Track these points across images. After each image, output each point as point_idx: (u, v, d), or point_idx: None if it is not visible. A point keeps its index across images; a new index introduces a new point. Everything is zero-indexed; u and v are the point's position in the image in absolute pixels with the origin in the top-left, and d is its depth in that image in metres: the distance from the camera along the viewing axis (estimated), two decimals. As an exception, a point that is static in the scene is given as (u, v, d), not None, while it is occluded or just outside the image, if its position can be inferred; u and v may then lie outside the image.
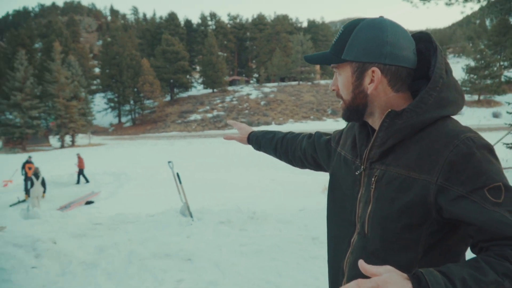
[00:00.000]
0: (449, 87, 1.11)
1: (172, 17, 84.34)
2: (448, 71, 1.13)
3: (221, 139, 37.29)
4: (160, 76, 62.16)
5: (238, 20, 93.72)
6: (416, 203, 1.03)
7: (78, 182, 17.15)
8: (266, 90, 65.61)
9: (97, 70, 73.03)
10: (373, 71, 1.13)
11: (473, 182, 0.96)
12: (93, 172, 18.28)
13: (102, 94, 64.91)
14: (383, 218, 1.10)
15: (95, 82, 68.19)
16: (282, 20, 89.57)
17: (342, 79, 1.18)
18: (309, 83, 69.65)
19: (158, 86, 58.29)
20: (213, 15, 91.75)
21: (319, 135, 1.61)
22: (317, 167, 1.63)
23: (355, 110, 1.18)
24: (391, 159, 1.11)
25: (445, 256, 1.08)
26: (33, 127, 41.11)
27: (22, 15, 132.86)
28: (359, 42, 1.13)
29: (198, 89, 77.55)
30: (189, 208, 6.88)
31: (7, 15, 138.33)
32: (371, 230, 1.14)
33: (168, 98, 67.46)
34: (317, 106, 57.52)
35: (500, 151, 13.66)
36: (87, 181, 17.15)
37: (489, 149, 1.01)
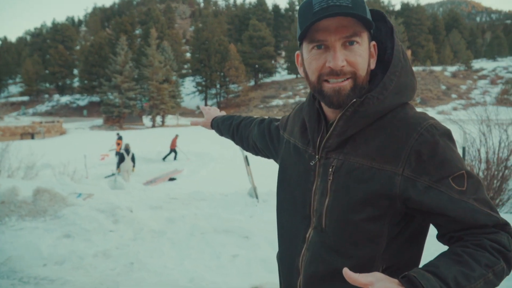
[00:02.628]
0: (407, 72, 1.04)
1: (261, 2, 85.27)
2: (404, 54, 1.06)
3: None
4: (245, 61, 63.52)
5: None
6: (380, 194, 0.97)
7: (175, 158, 18.49)
8: (352, 76, 63.70)
9: (188, 55, 76.78)
10: (374, 45, 1.05)
11: (439, 171, 0.94)
12: (178, 151, 19.52)
13: (191, 78, 68.22)
14: (343, 210, 1.02)
15: (185, 66, 71.83)
16: (373, 3, 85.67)
17: (361, 51, 0.99)
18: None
19: (243, 71, 59.66)
20: (301, 0, 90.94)
21: (269, 121, 1.52)
22: (266, 156, 1.55)
23: (359, 91, 1.01)
24: (350, 148, 1.03)
25: (406, 246, 1.05)
26: (129, 107, 44.78)
27: (126, 3, 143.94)
28: (367, 9, 0.98)
29: (281, 75, 77.81)
30: (255, 190, 7.16)
31: (114, 4, 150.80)
32: (329, 224, 1.05)
33: (252, 83, 68.80)
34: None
35: None
36: (175, 158, 18.44)
37: (449, 135, 0.98)
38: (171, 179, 13.76)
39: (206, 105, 63.40)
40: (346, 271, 0.81)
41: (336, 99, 0.99)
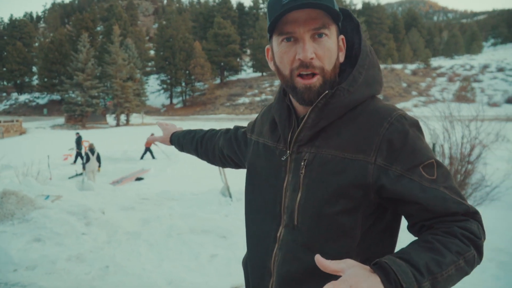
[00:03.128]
0: (374, 66, 1.07)
1: (225, 0, 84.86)
2: (371, 49, 1.09)
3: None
4: (211, 59, 63.12)
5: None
6: (353, 184, 0.97)
7: (153, 157, 18.22)
8: (317, 74, 64.73)
9: (152, 52, 75.42)
10: (342, 39, 1.06)
11: (410, 160, 0.95)
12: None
13: (156, 76, 67.09)
14: (317, 204, 1.01)
15: (149, 64, 70.54)
16: (337, 2, 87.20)
17: (330, 43, 0.99)
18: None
19: (209, 68, 59.28)
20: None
21: (236, 128, 1.49)
22: (236, 165, 1.51)
23: (328, 86, 1.01)
24: (322, 141, 1.03)
25: (381, 239, 1.05)
26: (92, 105, 43.48)
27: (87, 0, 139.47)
28: (335, 2, 0.99)
29: (247, 73, 77.95)
30: (229, 189, 7.15)
31: (74, 0, 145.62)
32: (302, 220, 1.03)
33: (218, 81, 68.49)
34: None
35: None
36: (153, 157, 18.29)
37: (417, 126, 1.01)
38: (138, 179, 13.47)
39: (171, 103, 62.82)
40: (318, 258, 0.80)
41: (307, 95, 1.00)
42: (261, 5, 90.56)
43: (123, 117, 46.75)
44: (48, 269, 3.87)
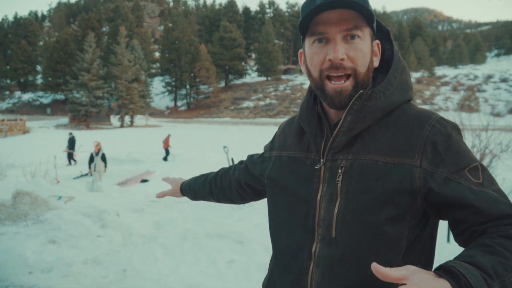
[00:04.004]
0: (406, 72, 1.06)
1: (231, 4, 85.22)
2: (400, 56, 1.08)
3: (273, 127, 37.41)
4: (216, 62, 63.25)
5: (296, 8, 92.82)
6: (399, 190, 0.93)
7: (165, 159, 17.93)
8: (321, 80, 64.78)
9: (157, 54, 75.57)
10: (378, 44, 1.05)
11: (455, 163, 0.92)
12: (149, 152, 19.10)
13: (161, 78, 67.20)
14: (359, 213, 0.96)
15: (154, 65, 70.68)
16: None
17: (362, 45, 0.97)
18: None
19: (214, 72, 59.37)
20: (271, 3, 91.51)
21: (250, 156, 1.44)
22: (257, 195, 1.42)
23: (361, 89, 0.98)
24: (359, 147, 0.99)
25: (422, 251, 1.00)
26: (97, 106, 43.51)
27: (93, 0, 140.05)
28: (371, 10, 0.97)
29: (252, 77, 78.08)
30: (241, 193, 7.08)
31: (79, 0, 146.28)
32: (340, 231, 0.97)
33: (222, 84, 68.58)
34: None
35: None
36: (165, 159, 17.88)
37: (458, 129, 0.98)
38: (144, 181, 13.42)
39: (175, 105, 62.92)
40: (375, 266, 0.74)
41: (338, 100, 0.97)
42: (267, 10, 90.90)
43: (127, 118, 46.77)
44: (64, 272, 3.80)
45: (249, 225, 5.24)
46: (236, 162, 5.70)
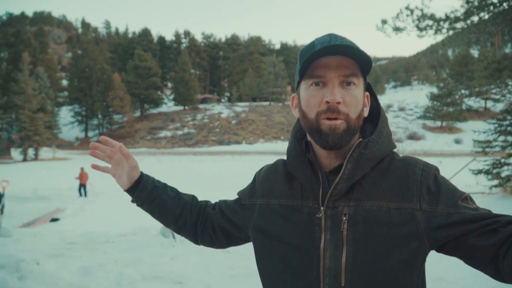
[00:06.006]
0: (388, 122, 1.12)
1: (146, 33, 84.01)
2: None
3: (192, 157, 37.00)
4: (131, 91, 61.40)
5: (212, 39, 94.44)
6: (407, 235, 0.96)
7: (80, 195, 16.60)
8: (238, 109, 66.01)
9: (64, 82, 71.23)
10: (367, 96, 1.10)
11: (450, 198, 0.97)
12: (58, 188, 17.71)
13: (69, 107, 63.25)
14: (369, 260, 0.96)
15: (62, 94, 66.42)
16: (256, 41, 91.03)
17: (357, 92, 1.01)
18: (280, 104, 70.73)
19: (129, 101, 57.50)
20: (187, 33, 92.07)
21: (223, 200, 1.33)
22: (228, 241, 1.31)
23: (352, 134, 1.01)
24: (359, 194, 1.01)
25: (422, 284, 1.03)
26: (-6, 138, 39.42)
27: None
28: (369, 60, 1.00)
29: (168, 106, 77.02)
30: (171, 228, 6.80)
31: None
32: (351, 279, 0.97)
33: (138, 113, 66.56)
34: (287, 127, 58.32)
35: (466, 177, 14.30)
36: (80, 195, 16.66)
37: (439, 170, 1.05)
38: (54, 220, 12.27)
39: (86, 136, 59.36)
40: None
41: (331, 138, 0.98)
42: (183, 40, 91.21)
43: (31, 151, 42.94)
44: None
45: (186, 265, 5.03)
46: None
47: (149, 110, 69.21)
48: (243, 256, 5.85)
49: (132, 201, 1.29)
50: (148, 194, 1.27)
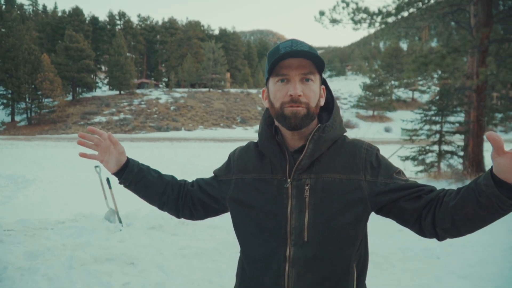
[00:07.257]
0: (339, 112, 1.41)
1: (77, 12, 78.94)
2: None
3: (129, 143, 35.87)
4: (61, 74, 57.78)
5: (148, 22, 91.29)
6: (354, 200, 1.24)
7: None
8: (176, 95, 64.79)
9: (-15, 62, 65.37)
10: (323, 89, 1.37)
11: (387, 172, 1.27)
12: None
13: (-8, 89, 58.28)
14: (326, 220, 1.23)
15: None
16: (194, 26, 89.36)
17: (314, 87, 1.26)
18: (219, 91, 70.38)
19: (59, 84, 54.14)
20: (122, 15, 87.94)
21: (200, 178, 1.57)
22: (206, 213, 1.55)
23: (310, 118, 1.27)
24: (318, 168, 1.27)
25: (365, 243, 1.35)
26: None
27: None
28: (322, 61, 1.26)
29: (103, 90, 73.63)
30: (118, 213, 6.80)
31: None
32: (312, 235, 1.23)
33: (70, 97, 62.96)
34: (227, 114, 58.35)
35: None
36: None
37: (379, 150, 1.36)
38: (-17, 209, 11.56)
39: (13, 120, 55.12)
40: (492, 134, 0.96)
41: (294, 120, 1.24)
42: (118, 21, 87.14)
43: None
44: None
45: (137, 246, 5.14)
46: (111, 182, 5.49)
47: (82, 94, 65.68)
48: (192, 237, 6.06)
49: (120, 183, 1.51)
50: (135, 175, 1.48)
